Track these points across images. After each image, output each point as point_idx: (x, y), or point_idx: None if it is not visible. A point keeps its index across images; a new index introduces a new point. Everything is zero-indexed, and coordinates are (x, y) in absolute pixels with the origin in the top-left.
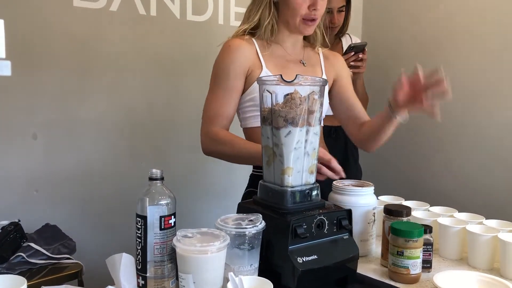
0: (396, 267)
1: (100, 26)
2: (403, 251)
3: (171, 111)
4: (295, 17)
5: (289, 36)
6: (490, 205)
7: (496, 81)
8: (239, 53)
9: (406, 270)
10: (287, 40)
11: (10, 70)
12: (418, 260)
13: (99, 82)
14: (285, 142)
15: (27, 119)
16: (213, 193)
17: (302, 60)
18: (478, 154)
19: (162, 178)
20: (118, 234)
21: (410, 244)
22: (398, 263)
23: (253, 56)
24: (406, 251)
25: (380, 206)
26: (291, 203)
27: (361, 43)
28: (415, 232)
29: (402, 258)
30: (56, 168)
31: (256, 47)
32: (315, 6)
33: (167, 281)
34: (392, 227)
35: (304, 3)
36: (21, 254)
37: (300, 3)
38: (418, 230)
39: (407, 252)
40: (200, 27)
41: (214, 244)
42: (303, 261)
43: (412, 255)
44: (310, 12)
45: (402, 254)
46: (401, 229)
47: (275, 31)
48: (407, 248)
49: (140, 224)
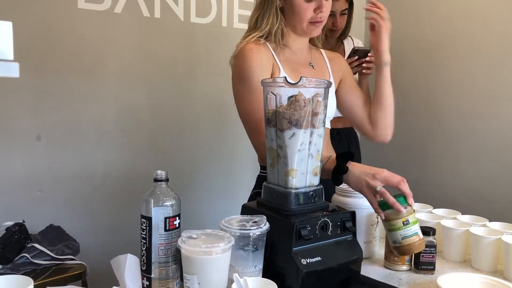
0: (408, 239)
1: (104, 28)
2: (408, 218)
3: (175, 112)
4: (302, 21)
5: (297, 39)
6: (493, 207)
7: (500, 84)
8: (261, 55)
9: (417, 237)
10: (296, 44)
11: (18, 72)
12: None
13: (104, 84)
14: (289, 144)
15: (32, 120)
16: (217, 194)
17: (311, 63)
18: (481, 157)
19: (167, 179)
20: (122, 235)
21: (409, 210)
22: (408, 233)
23: (272, 59)
24: (410, 217)
25: None
26: (295, 205)
27: (365, 48)
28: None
29: (410, 226)
30: (60, 169)
31: (271, 50)
32: (321, 9)
33: (171, 282)
34: (384, 203)
35: (310, 7)
36: (26, 255)
37: (305, 7)
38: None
39: (411, 218)
40: (203, 29)
41: (219, 245)
42: (307, 263)
43: (415, 219)
44: (316, 15)
45: (408, 222)
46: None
47: (285, 34)
48: (409, 215)
49: (145, 225)
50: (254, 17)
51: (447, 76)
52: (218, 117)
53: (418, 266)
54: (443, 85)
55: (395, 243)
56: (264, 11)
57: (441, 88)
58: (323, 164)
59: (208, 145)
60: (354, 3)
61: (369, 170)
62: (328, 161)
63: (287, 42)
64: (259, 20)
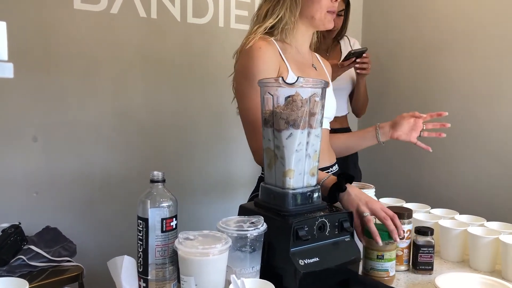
0: (375, 271)
1: (100, 29)
2: (383, 254)
3: (172, 113)
4: (321, 10)
5: (305, 35)
6: (491, 207)
7: (498, 83)
8: (269, 54)
9: (386, 273)
10: (303, 41)
11: (12, 72)
12: (394, 262)
13: (100, 85)
14: (286, 144)
15: (28, 121)
16: (215, 196)
17: (314, 65)
18: (479, 157)
19: (164, 180)
20: (118, 236)
21: (389, 246)
22: (378, 267)
23: (279, 58)
24: (386, 254)
25: None
26: (292, 205)
27: (360, 49)
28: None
29: (382, 262)
30: (56, 170)
31: (278, 48)
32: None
33: (168, 284)
34: (368, 231)
35: None
36: (22, 256)
37: None
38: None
39: (387, 255)
40: (200, 29)
41: (216, 246)
42: (305, 263)
43: (392, 257)
44: (332, 4)
45: (382, 257)
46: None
47: (293, 30)
48: (387, 251)
49: (142, 227)
50: (265, 8)
51: (444, 76)
52: (216, 117)
53: (416, 266)
54: (441, 85)
55: (365, 270)
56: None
57: (439, 87)
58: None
59: (206, 146)
60: (350, 4)
61: (364, 197)
62: (328, 179)
63: (294, 40)
64: (269, 11)
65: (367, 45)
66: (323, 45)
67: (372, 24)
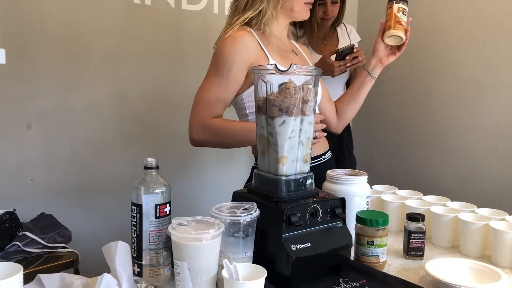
0: (365, 257)
1: (94, 15)
2: (373, 240)
3: (166, 100)
4: (300, 2)
5: (282, 25)
6: (483, 194)
7: (489, 73)
8: (244, 45)
9: (376, 259)
10: (280, 30)
11: (4, 58)
12: (385, 248)
13: (94, 71)
14: (279, 132)
15: (22, 108)
16: (208, 182)
17: (294, 51)
18: (470, 144)
19: (157, 167)
20: (113, 222)
21: (379, 233)
22: (368, 253)
23: (257, 48)
24: (376, 240)
25: (374, 195)
26: (285, 192)
27: (348, 46)
28: (382, 220)
29: (373, 247)
30: (51, 157)
31: (257, 38)
32: None
33: (162, 269)
34: (359, 216)
35: None
36: (17, 243)
37: None
38: (384, 218)
39: (377, 241)
40: (195, 16)
41: (209, 232)
42: (297, 249)
43: (382, 243)
44: None
45: (372, 243)
46: (369, 218)
47: (273, 22)
48: (377, 237)
49: (136, 213)
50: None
51: (439, 62)
52: None
53: (407, 252)
54: (435, 71)
55: (357, 255)
56: None
57: (432, 76)
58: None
59: None
60: None
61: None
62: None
63: (273, 30)
64: (249, 2)
65: (363, 32)
66: (320, 32)
67: (367, 12)
